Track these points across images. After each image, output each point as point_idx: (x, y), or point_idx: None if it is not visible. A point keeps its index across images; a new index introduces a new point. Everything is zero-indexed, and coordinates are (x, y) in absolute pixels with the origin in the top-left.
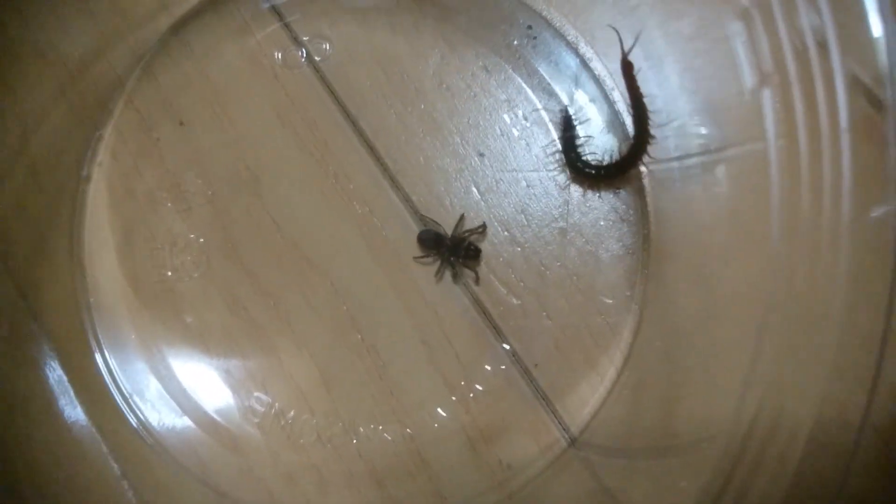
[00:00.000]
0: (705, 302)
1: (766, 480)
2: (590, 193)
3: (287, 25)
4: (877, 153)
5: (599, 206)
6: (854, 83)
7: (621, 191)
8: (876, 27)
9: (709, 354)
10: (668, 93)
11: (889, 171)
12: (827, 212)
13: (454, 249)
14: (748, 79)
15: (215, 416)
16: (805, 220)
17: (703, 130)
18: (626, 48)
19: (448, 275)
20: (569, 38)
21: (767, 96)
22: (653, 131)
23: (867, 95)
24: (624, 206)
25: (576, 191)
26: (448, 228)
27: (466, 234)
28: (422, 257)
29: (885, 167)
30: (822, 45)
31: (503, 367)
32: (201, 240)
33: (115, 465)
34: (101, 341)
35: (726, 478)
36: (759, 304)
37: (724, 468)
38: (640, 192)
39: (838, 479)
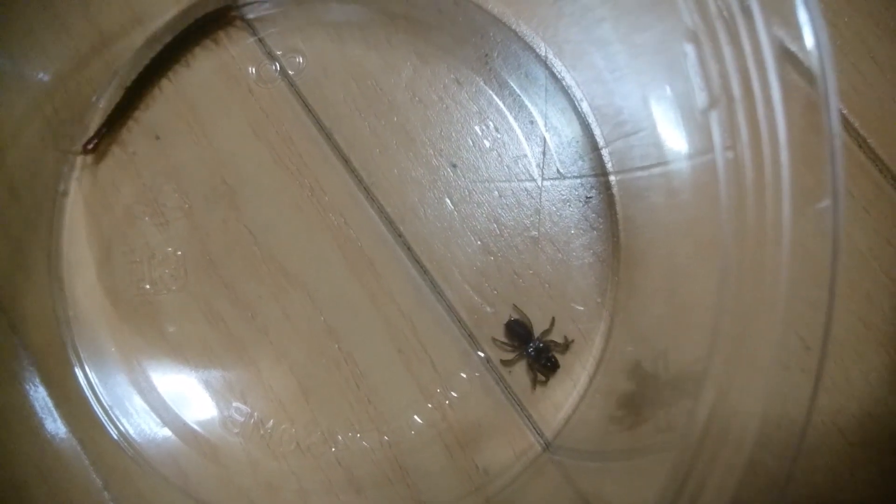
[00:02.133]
0: (670, 308)
1: (719, 476)
2: (560, 203)
3: (261, 40)
4: (817, 147)
5: (570, 216)
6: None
7: (592, 199)
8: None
9: (672, 359)
10: (632, 104)
11: (827, 169)
12: (770, 212)
13: (537, 354)
14: (699, 95)
15: (195, 427)
16: (751, 223)
17: (664, 142)
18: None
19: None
20: (538, 51)
21: (715, 114)
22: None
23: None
24: (594, 215)
25: (547, 200)
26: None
27: (552, 343)
28: (504, 343)
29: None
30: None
31: (478, 374)
32: (179, 253)
33: (97, 478)
34: (81, 354)
35: (686, 474)
36: (712, 309)
37: (683, 466)
38: (609, 201)
39: (785, 470)
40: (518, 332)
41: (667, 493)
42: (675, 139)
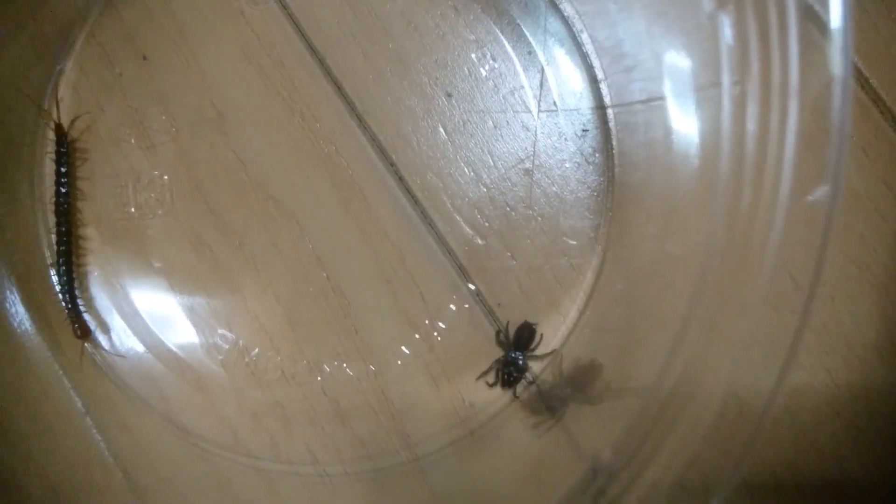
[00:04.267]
0: (660, 250)
1: (681, 434)
2: (556, 136)
3: None
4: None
5: (566, 148)
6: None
7: (588, 133)
8: None
9: (658, 303)
10: (633, 36)
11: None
12: (771, 151)
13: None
14: (706, 16)
15: (179, 353)
16: (750, 161)
17: (665, 76)
18: None
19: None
20: None
21: (726, 33)
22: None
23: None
24: (590, 149)
25: (543, 133)
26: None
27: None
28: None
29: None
30: None
31: (467, 306)
32: (165, 178)
33: (79, 402)
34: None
35: (650, 426)
36: (704, 248)
37: (648, 418)
38: (606, 135)
39: (764, 403)
40: (511, 373)
41: (632, 440)
42: (677, 73)
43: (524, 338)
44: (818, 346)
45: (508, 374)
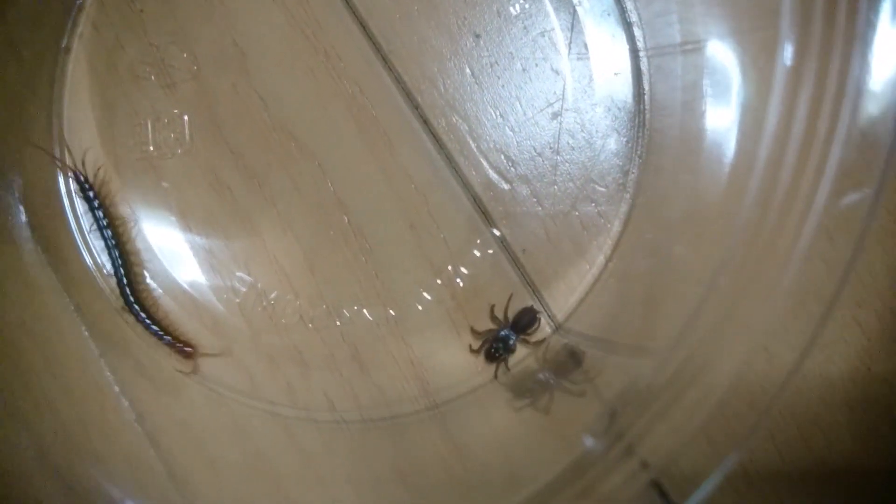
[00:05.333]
0: (692, 201)
1: (689, 406)
2: (587, 79)
3: None
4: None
5: (596, 93)
6: None
7: (619, 76)
8: None
9: (688, 256)
10: None
11: None
12: (827, 98)
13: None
14: None
15: (195, 295)
16: (794, 136)
17: (705, 18)
18: None
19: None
20: None
21: None
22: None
23: None
24: (621, 94)
25: (572, 76)
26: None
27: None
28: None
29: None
30: None
31: (491, 252)
32: (185, 117)
33: (94, 345)
34: (81, 219)
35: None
36: (731, 217)
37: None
38: (638, 79)
39: (797, 356)
40: (498, 348)
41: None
42: (717, 16)
43: (524, 321)
44: (851, 298)
45: (496, 349)
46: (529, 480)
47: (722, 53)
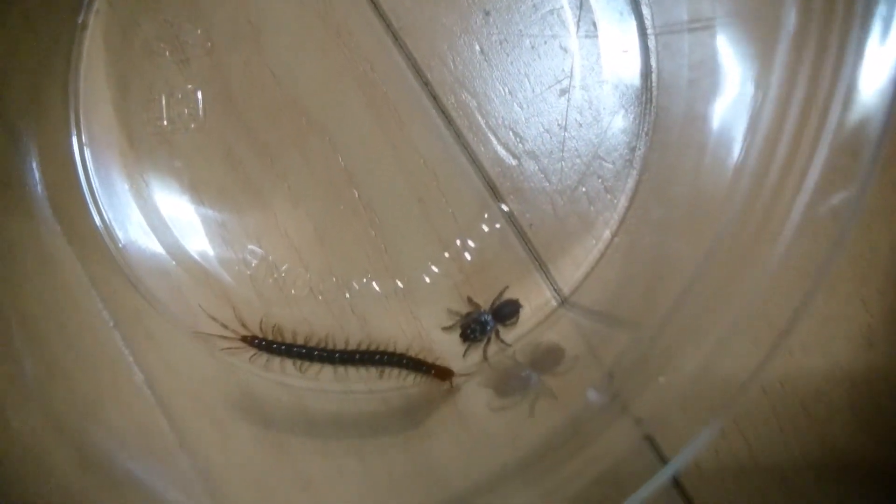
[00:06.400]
0: (696, 178)
1: (679, 369)
2: (595, 57)
3: None
4: None
5: (604, 70)
6: None
7: (628, 54)
8: None
9: (692, 233)
10: None
11: None
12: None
13: (496, 316)
14: None
15: (207, 268)
16: (793, 111)
17: None
18: None
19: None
20: None
21: None
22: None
23: None
24: (629, 71)
25: (580, 53)
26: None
27: (500, 307)
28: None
29: None
30: None
31: (498, 226)
32: (199, 92)
33: (108, 316)
34: (96, 191)
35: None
36: (717, 217)
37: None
38: (646, 57)
39: (782, 331)
40: (474, 329)
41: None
42: None
43: (505, 311)
44: (854, 275)
45: (472, 331)
46: (531, 439)
47: (729, 32)
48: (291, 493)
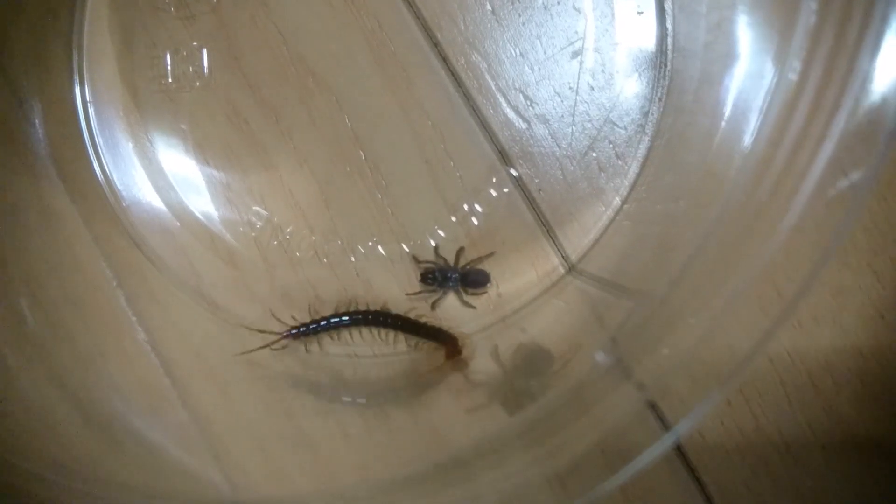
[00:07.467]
0: (713, 144)
1: (682, 336)
2: (609, 18)
3: None
4: None
5: (618, 32)
6: None
7: (643, 15)
8: None
9: (704, 202)
10: None
11: None
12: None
13: (463, 280)
14: None
15: (211, 228)
16: (806, 95)
17: None
18: None
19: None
20: None
21: None
22: None
23: None
24: (644, 34)
25: (594, 14)
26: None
27: (471, 263)
28: (426, 290)
29: None
30: None
31: (506, 190)
32: (204, 49)
33: (111, 275)
34: (99, 149)
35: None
36: (729, 185)
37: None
38: (662, 19)
39: (796, 292)
40: (435, 276)
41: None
42: None
43: (472, 278)
44: (867, 245)
45: (433, 278)
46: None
47: None
48: (294, 452)
